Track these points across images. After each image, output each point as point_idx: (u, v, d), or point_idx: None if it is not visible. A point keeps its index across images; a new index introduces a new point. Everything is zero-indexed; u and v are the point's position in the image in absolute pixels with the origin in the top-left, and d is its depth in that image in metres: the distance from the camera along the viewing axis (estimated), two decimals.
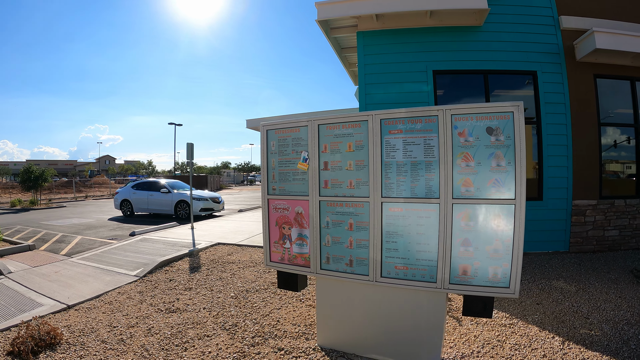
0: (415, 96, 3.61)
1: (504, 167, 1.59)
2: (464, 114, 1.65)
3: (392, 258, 1.83)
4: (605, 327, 2.15)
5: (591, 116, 3.77)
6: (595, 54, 3.78)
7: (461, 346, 1.99)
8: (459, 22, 3.64)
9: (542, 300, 2.57)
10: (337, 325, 2.03)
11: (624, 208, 3.85)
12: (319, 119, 2.06)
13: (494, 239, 1.61)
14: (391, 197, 1.81)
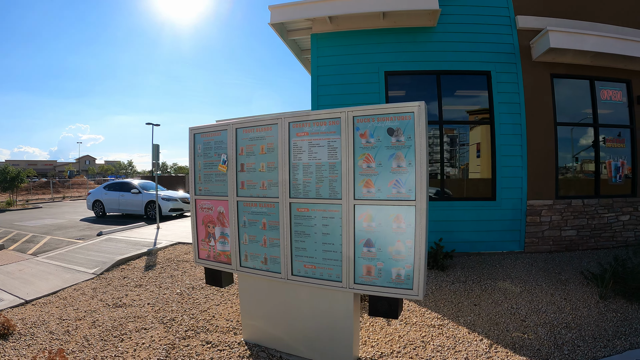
0: (366, 97, 3.69)
1: (404, 167, 1.63)
2: (366, 115, 1.71)
3: (301, 257, 1.90)
4: (541, 330, 2.17)
5: (547, 116, 3.84)
6: (552, 54, 3.86)
7: (383, 346, 2.04)
8: (412, 23, 3.71)
9: (481, 301, 2.60)
10: (258, 321, 2.10)
11: (581, 208, 3.93)
12: (237, 122, 2.13)
13: (395, 240, 1.65)
14: (298, 198, 1.88)
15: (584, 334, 2.11)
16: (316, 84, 3.73)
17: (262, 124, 1.99)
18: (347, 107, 1.73)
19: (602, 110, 4.22)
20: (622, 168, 4.16)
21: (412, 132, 1.58)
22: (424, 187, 1.57)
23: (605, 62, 4.07)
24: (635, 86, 4.22)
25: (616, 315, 2.35)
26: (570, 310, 2.44)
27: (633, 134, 4.20)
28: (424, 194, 1.57)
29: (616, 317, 2.32)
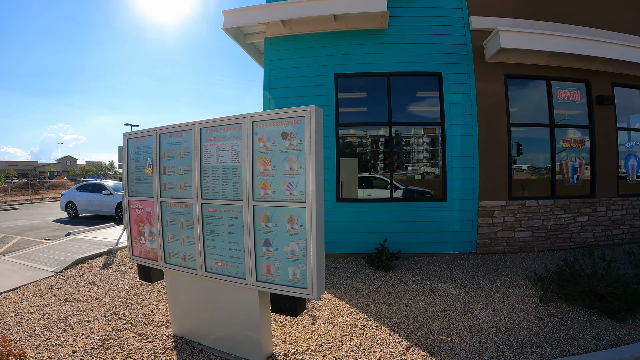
0: (317, 99, 3.86)
1: (296, 170, 1.79)
2: (264, 120, 1.88)
3: (212, 255, 2.09)
4: (467, 334, 2.24)
5: (500, 116, 3.97)
6: (506, 54, 3.98)
7: (301, 343, 2.20)
8: (363, 25, 3.87)
9: (414, 303, 2.73)
10: (183, 315, 2.32)
11: (536, 209, 4.03)
12: (160, 128, 2.34)
13: (290, 241, 1.82)
14: (208, 199, 2.07)
15: (513, 339, 2.17)
16: (268, 87, 3.92)
17: (180, 130, 2.19)
18: (247, 113, 1.90)
19: (560, 110, 4.32)
20: (580, 169, 4.25)
21: (303, 135, 1.74)
22: (314, 189, 1.72)
23: (563, 62, 4.17)
24: (594, 86, 4.32)
25: (554, 319, 2.40)
26: (505, 314, 2.51)
27: (592, 134, 4.29)
28: (315, 196, 1.71)
29: (553, 322, 2.36)
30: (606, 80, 4.42)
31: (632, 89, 4.72)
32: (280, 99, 3.94)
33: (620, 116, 4.81)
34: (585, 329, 2.25)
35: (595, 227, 4.33)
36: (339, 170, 3.92)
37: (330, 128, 3.86)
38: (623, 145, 4.67)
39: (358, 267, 3.59)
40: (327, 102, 3.84)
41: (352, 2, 3.65)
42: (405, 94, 4.04)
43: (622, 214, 4.46)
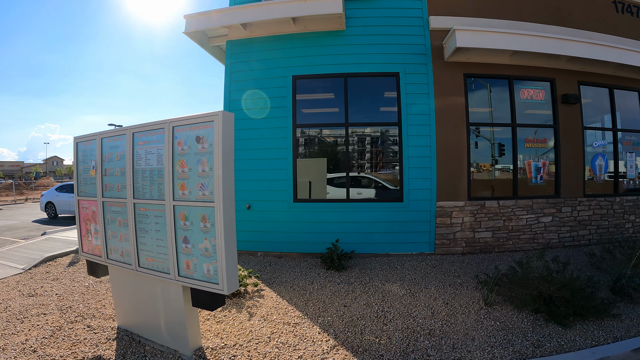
0: (276, 101, 4.05)
1: (207, 172, 1.99)
2: (182, 125, 2.08)
3: (144, 251, 2.30)
4: (398, 335, 2.31)
5: (459, 116, 4.08)
6: (467, 53, 4.09)
7: (232, 338, 2.38)
8: (322, 27, 4.04)
9: (354, 303, 2.85)
10: (125, 308, 2.54)
11: (497, 209, 4.12)
12: (102, 133, 2.56)
13: (204, 238, 2.02)
14: (139, 199, 2.28)
15: (445, 342, 2.21)
16: (229, 90, 4.13)
17: (117, 135, 2.41)
18: (169, 118, 2.10)
19: (524, 109, 4.38)
20: (543, 168, 4.31)
21: (213, 139, 1.92)
22: (221, 190, 1.91)
23: (526, 61, 4.25)
24: (559, 85, 4.38)
25: (495, 323, 2.44)
26: (444, 316, 2.57)
27: (557, 134, 4.34)
28: (222, 196, 1.90)
29: (493, 326, 2.40)
30: (572, 79, 4.48)
31: (609, 89, 4.77)
32: (239, 101, 4.14)
33: (595, 116, 4.85)
34: (525, 334, 2.28)
35: (560, 228, 4.38)
36: (296, 171, 4.11)
37: (287, 129, 4.05)
38: (593, 145, 4.74)
39: (312, 266, 3.77)
40: (284, 104, 4.03)
41: (309, 5, 3.82)
42: (364, 94, 4.20)
43: (589, 215, 4.50)
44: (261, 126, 4.10)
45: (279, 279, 3.40)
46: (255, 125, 4.12)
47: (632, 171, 4.89)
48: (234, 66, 4.20)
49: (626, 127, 5.00)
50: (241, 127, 4.16)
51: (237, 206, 4.19)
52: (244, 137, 4.15)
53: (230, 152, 1.96)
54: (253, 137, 4.12)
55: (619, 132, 4.82)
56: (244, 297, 2.97)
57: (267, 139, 4.07)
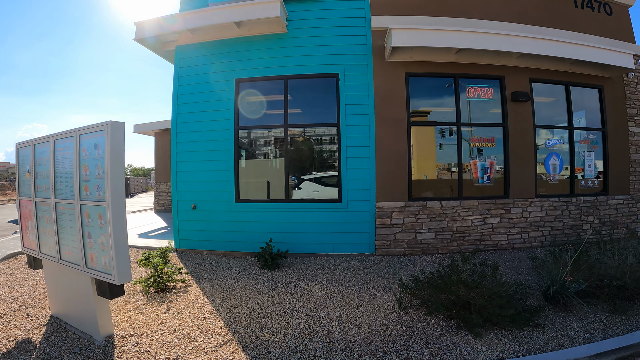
0: (220, 104, 4.36)
1: (101, 175, 2.34)
2: (85, 133, 2.44)
3: (64, 245, 2.68)
4: (294, 334, 2.47)
5: (400, 116, 4.25)
6: (410, 52, 4.26)
7: (142, 328, 2.70)
8: (265, 30, 4.32)
9: (268, 300, 3.08)
10: (55, 298, 2.95)
11: (439, 210, 4.27)
12: (35, 139, 2.95)
13: (100, 234, 2.37)
14: (59, 199, 2.65)
15: (338, 344, 2.33)
16: (177, 93, 4.49)
17: (44, 142, 2.79)
18: (77, 127, 2.45)
19: (470, 108, 4.48)
20: (490, 168, 4.41)
21: (104, 146, 2.25)
22: (113, 190, 2.25)
23: (473, 59, 4.38)
24: (509, 82, 4.48)
25: (401, 328, 2.51)
26: (352, 318, 2.70)
27: (505, 133, 4.42)
28: (111, 196, 2.25)
29: (397, 330, 2.48)
30: (523, 76, 4.55)
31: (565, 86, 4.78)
32: (187, 104, 4.49)
33: (561, 115, 4.89)
34: (428, 342, 2.33)
35: (509, 230, 4.48)
36: (238, 172, 4.42)
37: (229, 132, 4.36)
38: (546, 144, 4.78)
39: (249, 265, 4.07)
40: (227, 107, 4.35)
41: (249, 10, 4.11)
42: (305, 96, 4.46)
43: (541, 216, 4.56)
44: (206, 129, 4.44)
45: (210, 277, 3.73)
46: (200, 128, 4.46)
47: (590, 171, 4.90)
48: (182, 70, 4.56)
49: (587, 126, 5.04)
50: (187, 129, 4.51)
51: (183, 206, 4.56)
52: (190, 140, 4.49)
53: (119, 157, 2.29)
54: (199, 139, 4.46)
55: (575, 130, 4.84)
56: (170, 292, 3.32)
57: (211, 141, 4.40)
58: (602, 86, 5.01)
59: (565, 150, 4.82)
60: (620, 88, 5.09)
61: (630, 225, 5.11)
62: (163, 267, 3.39)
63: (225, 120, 4.39)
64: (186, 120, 4.51)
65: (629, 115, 5.14)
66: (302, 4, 4.43)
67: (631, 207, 5.10)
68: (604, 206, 4.93)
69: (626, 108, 5.14)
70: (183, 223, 4.55)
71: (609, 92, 5.05)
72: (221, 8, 4.29)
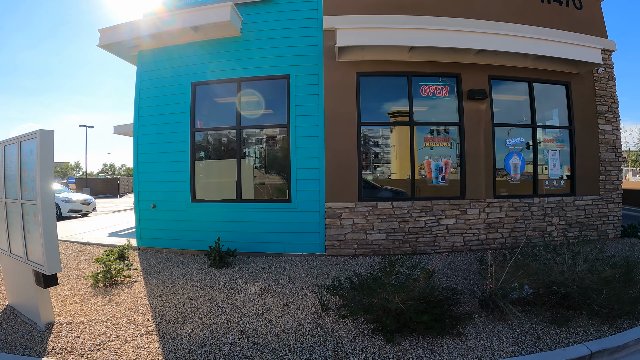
0: (178, 107, 4.67)
1: (34, 177, 2.68)
2: (25, 140, 2.80)
3: (13, 240, 3.07)
4: (211, 329, 2.69)
5: (351, 116, 4.42)
6: (362, 52, 4.44)
7: (81, 317, 3.03)
8: (221, 34, 4.60)
9: (199, 296, 3.34)
10: (9, 288, 3.33)
11: (390, 211, 4.41)
12: None
13: (35, 229, 2.72)
14: (9, 198, 3.02)
15: (248, 340, 2.52)
16: (139, 97, 4.84)
17: None
18: (20, 135, 2.79)
19: (425, 107, 4.59)
20: (445, 168, 4.51)
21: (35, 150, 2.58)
22: (39, 191, 2.59)
23: (428, 57, 4.50)
24: (465, 80, 4.56)
25: (316, 329, 2.64)
26: (272, 317, 2.87)
27: (461, 132, 4.51)
28: (41, 196, 2.59)
29: (312, 331, 2.61)
30: (481, 74, 4.62)
31: (528, 82, 4.80)
32: (148, 107, 4.83)
33: (524, 113, 4.93)
34: (338, 344, 2.43)
35: (466, 231, 4.56)
36: (194, 173, 4.72)
37: (185, 134, 4.67)
38: (507, 143, 4.81)
39: (201, 263, 4.37)
40: (183, 110, 4.65)
41: (203, 14, 4.41)
42: (259, 97, 4.70)
43: (501, 217, 4.61)
44: (164, 131, 4.77)
45: (159, 273, 4.04)
46: (159, 130, 4.79)
47: (555, 170, 4.90)
48: (144, 75, 4.90)
49: (555, 124, 5.04)
50: (148, 132, 4.86)
51: (144, 206, 4.90)
52: (150, 142, 4.84)
53: (48, 161, 2.62)
54: (158, 141, 4.79)
55: (538, 128, 4.85)
56: (117, 286, 3.65)
57: (169, 143, 4.73)
58: (570, 83, 5.00)
59: (528, 149, 4.85)
60: (589, 84, 5.07)
61: (600, 227, 5.08)
62: (111, 263, 3.73)
63: (182, 122, 4.71)
64: (147, 123, 4.85)
65: (599, 113, 5.11)
66: (256, 7, 4.68)
67: (601, 208, 5.06)
68: (570, 207, 4.92)
69: (596, 105, 5.11)
70: (144, 222, 4.90)
71: (577, 89, 5.03)
72: (178, 13, 4.60)
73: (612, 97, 5.22)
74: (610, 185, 5.18)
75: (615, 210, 5.18)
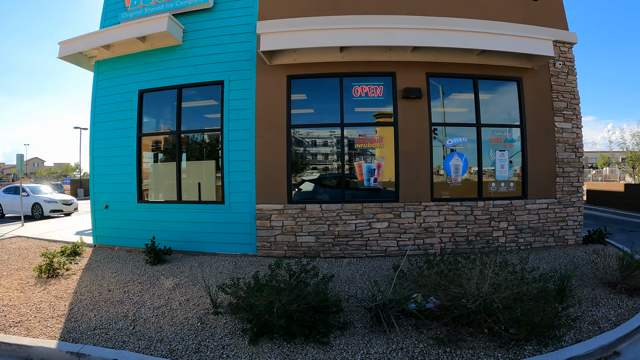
0: (127, 114, 5.20)
1: None
2: None
3: None
4: (109, 316, 3.14)
5: (280, 119, 4.67)
6: (294, 55, 4.70)
7: (15, 301, 3.58)
8: (165, 43, 5.06)
9: (118, 289, 3.80)
10: None
11: (319, 213, 4.59)
12: None
13: None
14: None
15: (133, 328, 2.89)
16: (94, 105, 5.45)
17: None
18: None
19: (357, 108, 4.72)
20: (377, 170, 4.60)
21: None
22: None
23: (362, 56, 4.66)
24: (401, 79, 4.64)
25: (198, 324, 2.93)
26: (168, 310, 3.22)
27: (396, 132, 4.58)
28: None
29: (192, 325, 2.91)
30: (419, 71, 4.67)
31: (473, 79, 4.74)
32: (102, 114, 5.43)
33: (469, 111, 4.89)
34: (205, 339, 2.69)
35: (400, 235, 4.62)
36: (140, 175, 5.26)
37: (132, 139, 5.20)
38: (447, 143, 4.79)
39: (141, 260, 4.84)
40: (131, 116, 5.18)
41: (145, 26, 4.89)
42: (199, 103, 5.12)
43: (439, 221, 4.62)
44: (115, 136, 5.33)
45: (99, 268, 4.57)
46: (111, 136, 5.36)
47: (503, 172, 4.79)
48: (99, 83, 5.51)
49: (506, 122, 4.93)
50: (102, 137, 5.45)
51: (98, 206, 5.50)
52: (104, 146, 5.42)
53: None
54: (110, 145, 5.36)
55: (483, 127, 4.78)
56: (56, 277, 4.21)
57: (119, 147, 5.28)
58: (521, 78, 4.87)
59: (472, 149, 4.81)
60: (544, 80, 4.90)
61: (557, 233, 4.89)
62: (54, 258, 4.30)
63: (130, 128, 5.24)
64: (100, 129, 5.45)
65: (556, 110, 4.92)
66: (196, 15, 5.09)
67: (558, 212, 4.87)
68: (521, 211, 4.80)
69: (552, 101, 4.93)
70: (98, 221, 5.50)
71: (530, 85, 4.89)
72: (124, 25, 5.14)
73: (572, 93, 5.00)
74: (569, 188, 4.97)
75: (575, 214, 4.96)
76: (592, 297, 3.36)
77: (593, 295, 3.38)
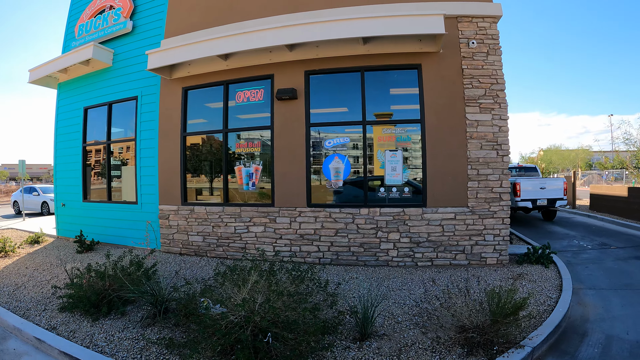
0: (77, 127, 6.73)
1: None
2: None
3: None
4: (5, 283, 4.61)
5: (176, 128, 5.38)
6: (188, 67, 5.45)
7: None
8: (101, 66, 6.43)
9: (38, 267, 5.11)
10: None
11: (204, 215, 5.12)
12: None
13: None
14: None
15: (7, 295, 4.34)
16: (57, 120, 7.25)
17: None
18: None
19: (241, 113, 5.06)
20: (255, 174, 4.85)
21: None
22: None
23: (244, 62, 5.10)
24: (278, 80, 4.86)
25: (48, 294, 4.14)
26: (30, 282, 4.52)
27: (272, 135, 4.78)
28: None
29: (42, 296, 4.11)
30: (297, 70, 4.78)
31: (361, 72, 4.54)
32: (61, 127, 7.21)
33: (355, 108, 4.71)
34: (45, 308, 3.84)
35: (276, 241, 4.80)
36: (85, 179, 6.77)
37: (79, 148, 6.76)
38: (326, 145, 4.77)
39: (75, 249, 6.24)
40: (79, 129, 6.74)
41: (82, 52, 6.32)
42: (122, 116, 6.27)
43: (316, 228, 4.61)
44: (69, 146, 7.02)
45: (42, 253, 6.17)
46: (66, 145, 7.10)
47: (395, 175, 4.39)
48: (60, 102, 7.31)
49: (395, 119, 4.65)
50: (61, 147, 7.22)
51: (58, 204, 7.27)
52: (62, 154, 7.19)
53: None
54: (66, 153, 7.11)
55: (369, 125, 4.46)
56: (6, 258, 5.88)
57: (71, 155, 6.96)
58: (420, 65, 4.43)
59: (356, 150, 4.62)
60: (452, 63, 4.37)
61: (471, 249, 4.26)
62: (4, 242, 6.01)
63: (77, 139, 6.85)
64: (60, 140, 7.25)
65: (469, 99, 4.31)
66: (121, 39, 6.34)
67: (471, 224, 4.25)
68: (417, 221, 4.38)
69: (464, 89, 4.33)
70: (59, 217, 7.32)
71: (432, 71, 4.42)
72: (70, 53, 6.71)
73: (493, 77, 4.31)
74: (487, 195, 4.27)
75: (498, 227, 4.24)
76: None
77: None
